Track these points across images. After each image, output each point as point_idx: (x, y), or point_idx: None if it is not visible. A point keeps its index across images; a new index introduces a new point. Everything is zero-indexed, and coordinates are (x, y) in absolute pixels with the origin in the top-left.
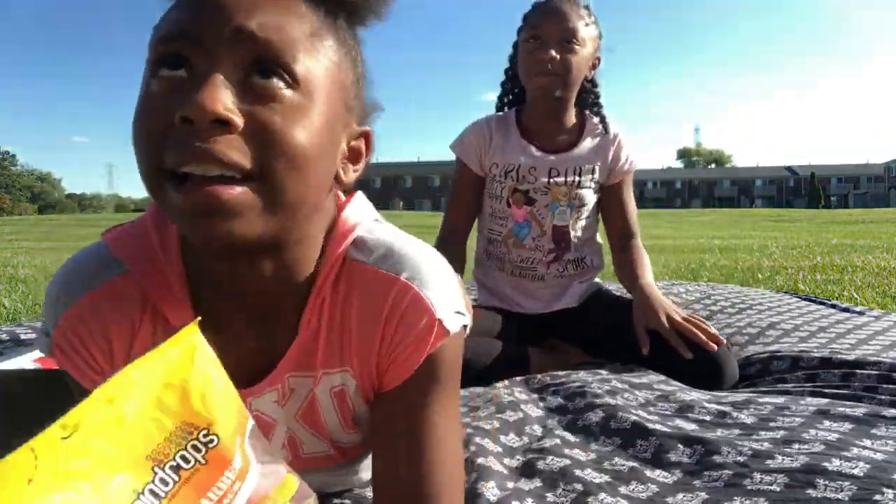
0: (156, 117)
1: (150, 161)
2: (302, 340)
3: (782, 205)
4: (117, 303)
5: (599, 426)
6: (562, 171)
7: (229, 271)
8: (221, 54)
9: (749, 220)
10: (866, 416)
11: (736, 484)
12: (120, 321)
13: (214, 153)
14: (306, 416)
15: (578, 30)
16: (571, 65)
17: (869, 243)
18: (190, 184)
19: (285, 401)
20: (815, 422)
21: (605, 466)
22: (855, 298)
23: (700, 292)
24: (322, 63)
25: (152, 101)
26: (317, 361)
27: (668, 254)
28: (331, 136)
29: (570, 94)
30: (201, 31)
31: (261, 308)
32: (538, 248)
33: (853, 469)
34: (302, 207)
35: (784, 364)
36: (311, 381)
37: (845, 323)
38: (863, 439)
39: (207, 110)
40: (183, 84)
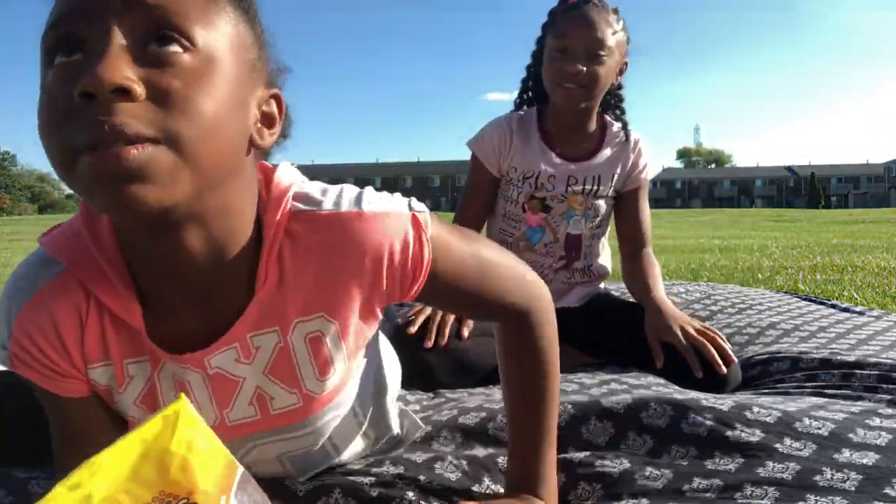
0: (56, 102)
1: (60, 148)
2: (260, 301)
3: (782, 205)
4: (62, 298)
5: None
6: (580, 179)
7: (156, 249)
8: (115, 25)
9: (749, 220)
10: (863, 413)
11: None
12: (67, 314)
13: (118, 124)
14: (275, 369)
15: (607, 39)
16: (599, 77)
17: (869, 243)
18: (97, 153)
19: (251, 359)
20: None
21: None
22: (855, 298)
23: (700, 292)
24: (219, 27)
25: (51, 89)
26: (286, 312)
27: (668, 254)
28: (236, 98)
29: (594, 103)
30: (91, 6)
31: (203, 284)
32: (549, 255)
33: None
34: (215, 172)
35: (784, 365)
36: (277, 335)
37: (845, 323)
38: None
39: (105, 80)
40: (80, 65)
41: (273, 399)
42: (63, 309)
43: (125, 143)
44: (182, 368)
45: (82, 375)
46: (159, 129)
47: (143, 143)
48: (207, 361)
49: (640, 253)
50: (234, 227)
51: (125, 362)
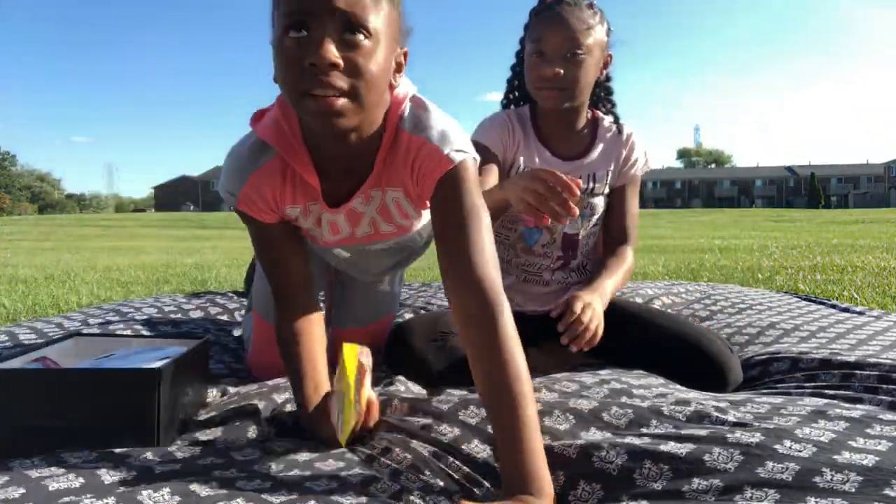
0: (293, 63)
1: (293, 87)
2: (375, 173)
3: (782, 205)
4: (274, 172)
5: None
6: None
7: (333, 142)
8: (326, 22)
9: (749, 220)
10: (863, 418)
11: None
12: (275, 180)
13: (330, 83)
14: (381, 210)
15: (582, 38)
16: (578, 77)
17: (869, 243)
18: (319, 98)
19: (368, 203)
20: (812, 421)
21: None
22: (855, 298)
23: (700, 292)
24: (382, 18)
25: (288, 52)
26: (383, 182)
27: (668, 254)
28: (388, 63)
29: (579, 102)
30: (312, 9)
31: (350, 162)
32: (546, 255)
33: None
34: (374, 107)
35: (784, 365)
36: (381, 193)
37: (845, 323)
38: (857, 438)
39: (325, 59)
40: (305, 41)
41: (380, 224)
42: (273, 178)
43: (332, 94)
44: (334, 214)
45: (279, 212)
46: (350, 87)
47: (339, 96)
48: (350, 205)
49: (617, 249)
50: (372, 130)
51: (307, 205)
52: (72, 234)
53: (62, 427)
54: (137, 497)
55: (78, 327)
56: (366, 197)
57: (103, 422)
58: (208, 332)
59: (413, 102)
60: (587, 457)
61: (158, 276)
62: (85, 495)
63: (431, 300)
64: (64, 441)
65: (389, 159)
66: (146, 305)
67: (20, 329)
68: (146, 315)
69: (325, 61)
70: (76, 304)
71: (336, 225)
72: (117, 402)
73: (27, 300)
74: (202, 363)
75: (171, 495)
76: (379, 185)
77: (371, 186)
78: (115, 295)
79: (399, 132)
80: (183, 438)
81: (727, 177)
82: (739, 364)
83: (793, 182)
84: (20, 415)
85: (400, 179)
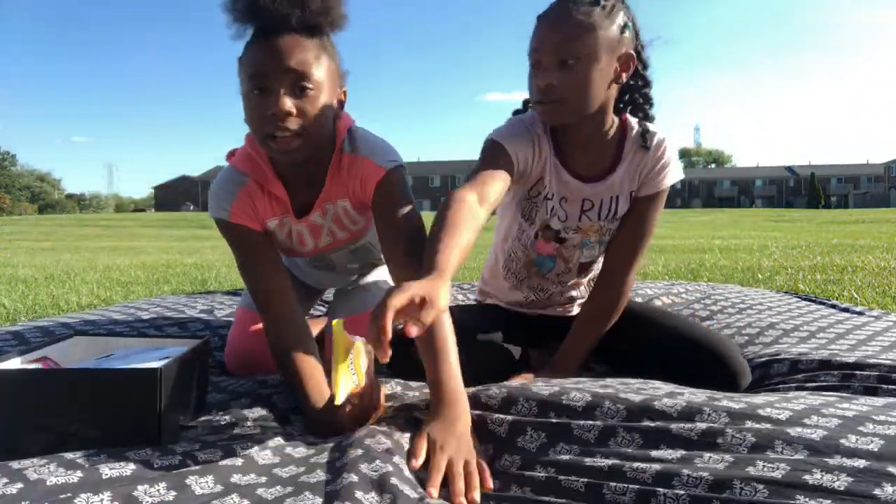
0: (258, 112)
1: (259, 131)
2: (326, 189)
3: (782, 205)
4: (252, 192)
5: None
6: (596, 203)
7: (294, 167)
8: (282, 78)
9: (749, 220)
10: (857, 417)
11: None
12: (256, 197)
13: (286, 126)
14: (335, 219)
15: (579, 44)
16: (572, 88)
17: (869, 243)
18: (278, 139)
19: (324, 216)
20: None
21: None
22: (855, 298)
23: (700, 292)
24: (323, 70)
25: (254, 104)
26: (336, 195)
27: (668, 254)
28: (330, 101)
29: (589, 113)
30: (269, 71)
31: (309, 177)
32: (560, 283)
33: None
34: (321, 138)
35: (784, 367)
36: (333, 206)
37: (845, 323)
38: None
39: (281, 110)
40: (266, 95)
41: (336, 233)
42: (253, 197)
43: (288, 135)
44: (299, 224)
45: (262, 224)
46: (300, 128)
47: (293, 136)
48: (309, 219)
49: (616, 281)
50: (322, 155)
51: (282, 218)
52: (72, 234)
53: (62, 427)
54: (133, 493)
55: (79, 327)
56: (321, 210)
57: (103, 422)
58: (208, 327)
59: (350, 130)
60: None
61: (158, 276)
62: (81, 491)
63: None
64: (64, 441)
65: (336, 177)
66: (151, 305)
67: (21, 329)
68: (147, 315)
69: (281, 111)
70: (76, 304)
71: (302, 236)
72: (117, 402)
73: (27, 300)
74: (202, 363)
75: (167, 490)
76: (330, 199)
77: (324, 201)
78: (115, 295)
79: (342, 154)
80: (183, 438)
81: (727, 177)
82: (746, 360)
83: (793, 182)
84: (20, 415)
85: (346, 192)
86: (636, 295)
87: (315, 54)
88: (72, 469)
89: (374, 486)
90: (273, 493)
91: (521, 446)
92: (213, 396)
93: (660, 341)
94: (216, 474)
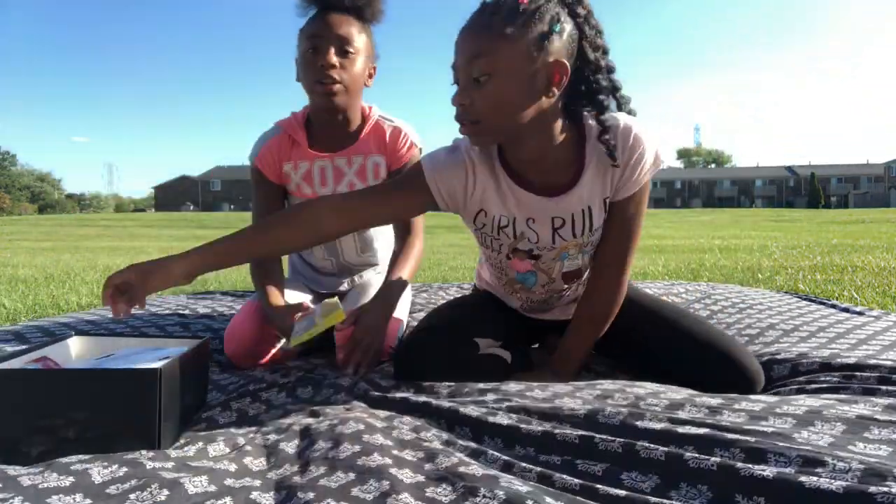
0: (311, 66)
1: (310, 80)
2: (363, 139)
3: (782, 205)
4: (280, 140)
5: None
6: (567, 219)
7: (329, 118)
8: (331, 42)
9: (749, 220)
10: (860, 419)
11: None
12: (283, 146)
13: (331, 76)
14: (358, 172)
15: (489, 58)
16: (484, 107)
17: (869, 243)
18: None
19: (350, 166)
20: (808, 423)
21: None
22: (855, 298)
23: (700, 292)
24: (362, 41)
25: (308, 60)
26: (368, 148)
27: (668, 254)
28: (364, 69)
29: (511, 132)
30: (323, 34)
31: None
32: (550, 291)
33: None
34: (356, 94)
35: (784, 370)
36: (363, 158)
37: (845, 323)
38: (856, 443)
39: (328, 62)
40: (318, 53)
41: (355, 185)
42: (279, 144)
43: (330, 83)
44: (323, 160)
45: (278, 170)
46: (341, 79)
47: (334, 83)
48: (334, 159)
49: (609, 278)
50: (353, 114)
51: (297, 161)
52: (72, 234)
53: (62, 427)
54: (128, 494)
55: (80, 327)
56: (349, 161)
57: (103, 422)
58: (209, 327)
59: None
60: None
61: None
62: (76, 493)
63: (432, 299)
64: (64, 441)
65: (370, 133)
66: (152, 305)
67: (21, 328)
68: (148, 315)
69: (328, 63)
70: (76, 304)
71: (325, 174)
72: (117, 402)
73: (27, 300)
74: (202, 363)
75: (160, 489)
76: (360, 151)
77: (355, 153)
78: None
79: (374, 118)
80: (182, 438)
81: (727, 177)
82: (762, 371)
83: (793, 182)
84: (20, 415)
85: (380, 150)
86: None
87: (357, 29)
88: (64, 472)
89: (366, 475)
90: (266, 498)
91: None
92: (214, 396)
93: (669, 343)
94: (210, 475)
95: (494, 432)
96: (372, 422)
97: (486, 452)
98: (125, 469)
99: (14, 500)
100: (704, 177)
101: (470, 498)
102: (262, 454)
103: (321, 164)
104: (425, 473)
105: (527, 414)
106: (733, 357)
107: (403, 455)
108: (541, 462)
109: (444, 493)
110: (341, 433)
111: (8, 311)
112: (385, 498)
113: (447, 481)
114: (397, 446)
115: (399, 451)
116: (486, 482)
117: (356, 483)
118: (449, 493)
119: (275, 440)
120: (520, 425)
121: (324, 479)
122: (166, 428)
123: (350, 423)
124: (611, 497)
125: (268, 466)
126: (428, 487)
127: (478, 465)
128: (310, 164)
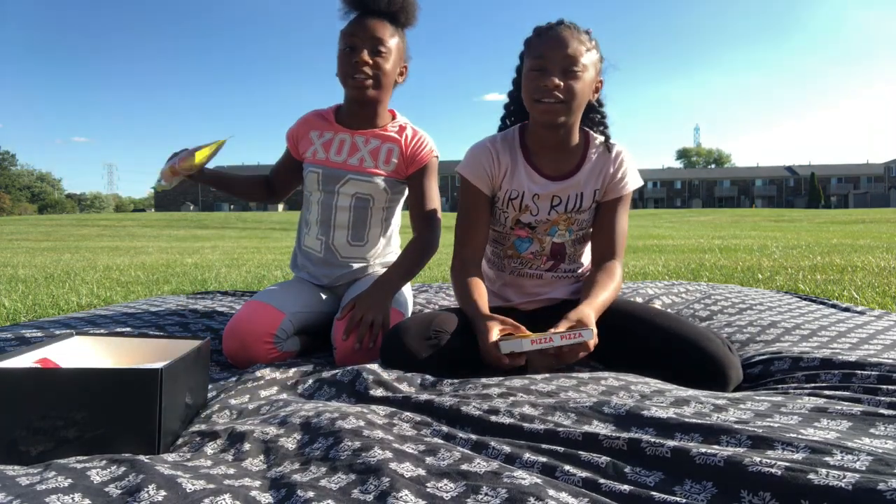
0: (347, 62)
1: (346, 73)
2: (383, 128)
3: (782, 205)
4: (310, 118)
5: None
6: (563, 198)
7: (359, 109)
8: (367, 42)
9: (749, 220)
10: (864, 415)
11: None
12: (314, 122)
13: (364, 72)
14: (373, 153)
15: (581, 56)
16: (575, 91)
17: (869, 243)
18: (357, 79)
19: (367, 144)
20: (813, 420)
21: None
22: (855, 298)
23: (700, 292)
24: (394, 43)
25: (345, 56)
26: (384, 138)
27: (668, 254)
28: (395, 68)
29: (574, 119)
30: (359, 34)
31: (367, 121)
32: (537, 259)
33: (854, 462)
34: (386, 89)
35: (784, 364)
36: (380, 141)
37: (845, 322)
38: (861, 437)
39: (362, 60)
40: (354, 51)
41: (365, 160)
42: (309, 120)
43: (363, 78)
44: (343, 134)
45: (302, 142)
46: (374, 75)
47: (367, 79)
48: (354, 136)
49: (605, 265)
50: (381, 109)
51: (322, 131)
52: (72, 234)
53: (62, 427)
54: (129, 497)
55: (80, 327)
56: (366, 140)
57: (103, 422)
58: (209, 327)
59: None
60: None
61: (158, 276)
62: (74, 493)
63: (432, 300)
64: (64, 441)
65: (392, 126)
66: (152, 305)
67: (21, 328)
68: (148, 315)
69: (362, 60)
70: (76, 304)
71: (343, 145)
72: (117, 402)
73: (27, 300)
74: (203, 363)
75: (157, 490)
76: (378, 137)
77: (374, 136)
78: (115, 295)
79: (400, 120)
80: (183, 437)
81: (727, 177)
82: (739, 363)
83: (793, 182)
84: (20, 415)
85: (397, 141)
86: (636, 295)
87: (390, 32)
88: (62, 472)
89: (367, 472)
90: (265, 496)
91: None
92: (213, 396)
93: (651, 340)
94: (209, 474)
95: (497, 427)
96: (372, 418)
97: (488, 447)
98: (124, 469)
99: (13, 501)
100: (704, 177)
101: (472, 494)
102: (262, 452)
103: (342, 136)
104: (426, 468)
105: (532, 408)
106: (701, 346)
107: (404, 448)
108: (544, 452)
109: (445, 488)
110: (341, 428)
111: (8, 311)
112: (385, 498)
113: (449, 476)
114: (398, 441)
115: (400, 445)
116: (488, 478)
117: (356, 484)
118: (451, 489)
119: (274, 438)
120: (522, 424)
121: (324, 479)
122: (166, 428)
123: (350, 419)
124: (614, 492)
125: (267, 465)
126: (429, 482)
127: (480, 459)
128: (333, 134)
